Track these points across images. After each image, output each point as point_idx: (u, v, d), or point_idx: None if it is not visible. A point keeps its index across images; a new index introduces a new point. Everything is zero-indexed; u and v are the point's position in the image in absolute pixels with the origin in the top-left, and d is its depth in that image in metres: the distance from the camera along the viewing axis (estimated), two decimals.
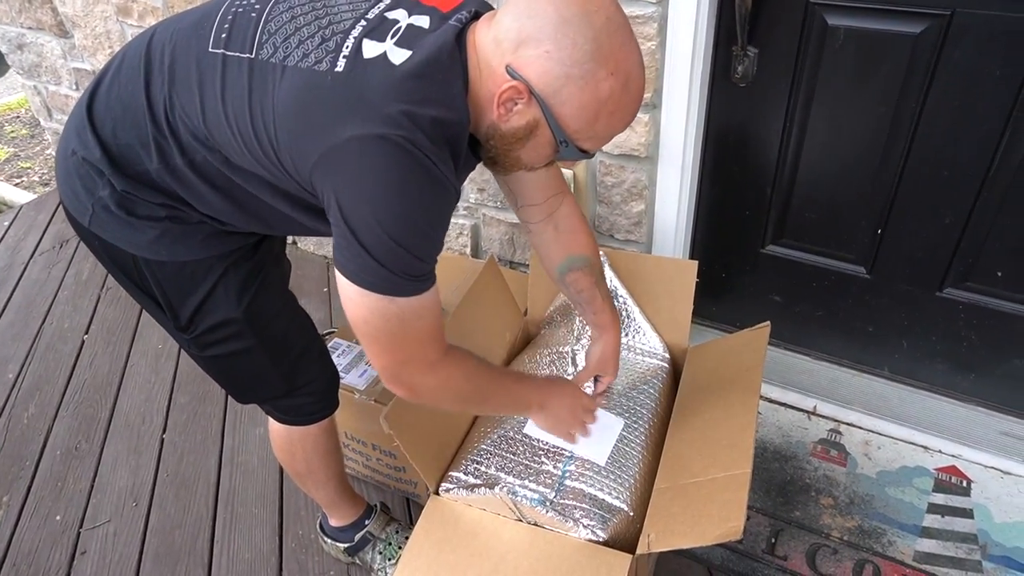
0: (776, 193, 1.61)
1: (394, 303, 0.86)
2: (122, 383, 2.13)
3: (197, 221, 1.00)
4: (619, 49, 0.82)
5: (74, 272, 2.64)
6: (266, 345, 1.13)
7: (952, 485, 1.56)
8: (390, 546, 1.49)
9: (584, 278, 1.24)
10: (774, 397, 1.78)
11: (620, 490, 1.19)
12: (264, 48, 0.87)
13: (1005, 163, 1.35)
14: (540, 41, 0.80)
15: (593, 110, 0.84)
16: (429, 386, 0.98)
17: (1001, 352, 1.58)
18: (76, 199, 1.01)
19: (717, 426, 1.23)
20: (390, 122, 0.79)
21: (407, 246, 0.83)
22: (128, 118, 0.95)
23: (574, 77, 0.81)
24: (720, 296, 1.86)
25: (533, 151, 0.91)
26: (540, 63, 0.81)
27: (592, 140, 0.89)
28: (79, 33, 2.53)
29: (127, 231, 0.99)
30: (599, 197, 1.70)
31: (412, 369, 0.95)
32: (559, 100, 0.83)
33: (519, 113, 0.86)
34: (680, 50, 1.42)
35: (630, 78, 0.84)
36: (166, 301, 1.06)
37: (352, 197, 0.81)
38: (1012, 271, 1.46)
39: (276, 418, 1.27)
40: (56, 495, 1.81)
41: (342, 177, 0.82)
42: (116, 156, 0.96)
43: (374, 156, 0.79)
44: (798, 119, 1.49)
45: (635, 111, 0.89)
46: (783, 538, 1.50)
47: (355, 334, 0.92)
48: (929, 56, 1.31)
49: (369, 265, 0.83)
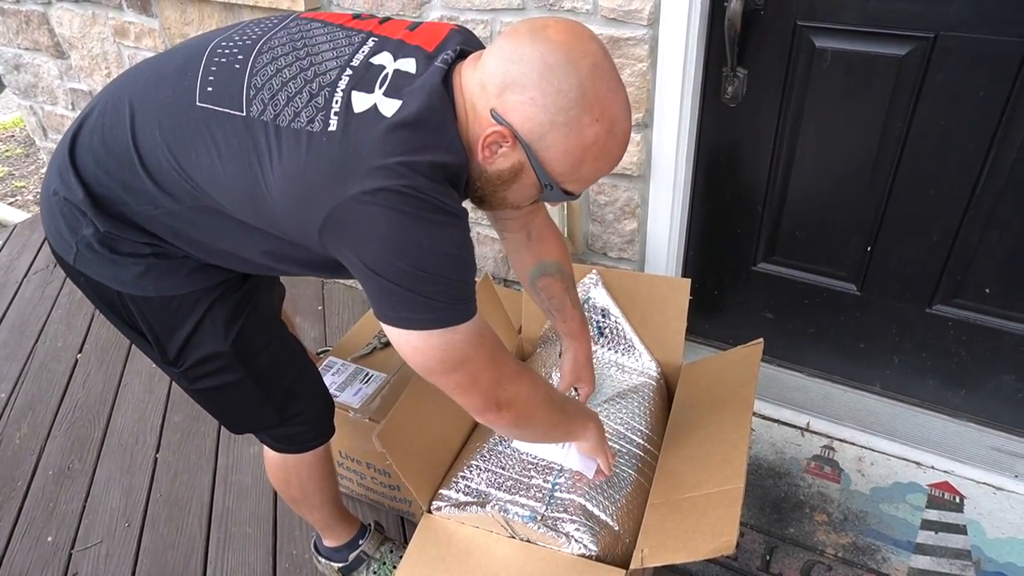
0: (767, 211, 1.63)
1: (457, 332, 0.86)
2: (115, 403, 2.12)
3: (182, 256, 1.01)
4: (604, 95, 0.82)
5: (68, 291, 2.64)
6: (255, 377, 1.12)
7: (945, 501, 1.57)
8: (384, 566, 1.48)
9: (555, 284, 1.25)
10: (767, 414, 1.79)
11: (607, 504, 1.20)
12: (254, 105, 0.87)
13: (990, 182, 1.37)
14: (525, 87, 0.81)
15: (578, 155, 0.85)
16: (525, 395, 0.98)
17: (991, 368, 1.59)
18: (60, 238, 1.00)
19: (710, 442, 1.24)
20: (389, 174, 0.79)
21: (445, 275, 0.83)
22: (112, 163, 0.94)
23: (559, 124, 0.82)
24: (713, 313, 1.87)
25: (519, 192, 0.92)
26: (525, 109, 0.82)
27: (577, 183, 0.90)
28: (76, 54, 2.56)
29: (112, 268, 0.99)
30: (592, 216, 1.71)
31: (506, 384, 0.95)
32: (543, 145, 0.84)
33: (504, 156, 0.86)
34: (671, 71, 1.44)
35: (615, 123, 0.85)
36: (153, 336, 1.06)
37: (371, 250, 0.82)
38: (1000, 287, 1.48)
39: (271, 447, 1.27)
40: (48, 516, 1.80)
41: (354, 235, 0.82)
42: (99, 197, 0.96)
43: (379, 207, 0.79)
44: (787, 139, 1.51)
45: (621, 154, 0.90)
46: (777, 555, 1.50)
47: (438, 385, 0.92)
48: (914, 78, 1.34)
49: (419, 305, 0.83)
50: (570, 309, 1.27)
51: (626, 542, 1.18)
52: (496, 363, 0.93)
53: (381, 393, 1.52)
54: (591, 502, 1.19)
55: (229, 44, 0.94)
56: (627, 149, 0.91)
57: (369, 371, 1.58)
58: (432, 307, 0.84)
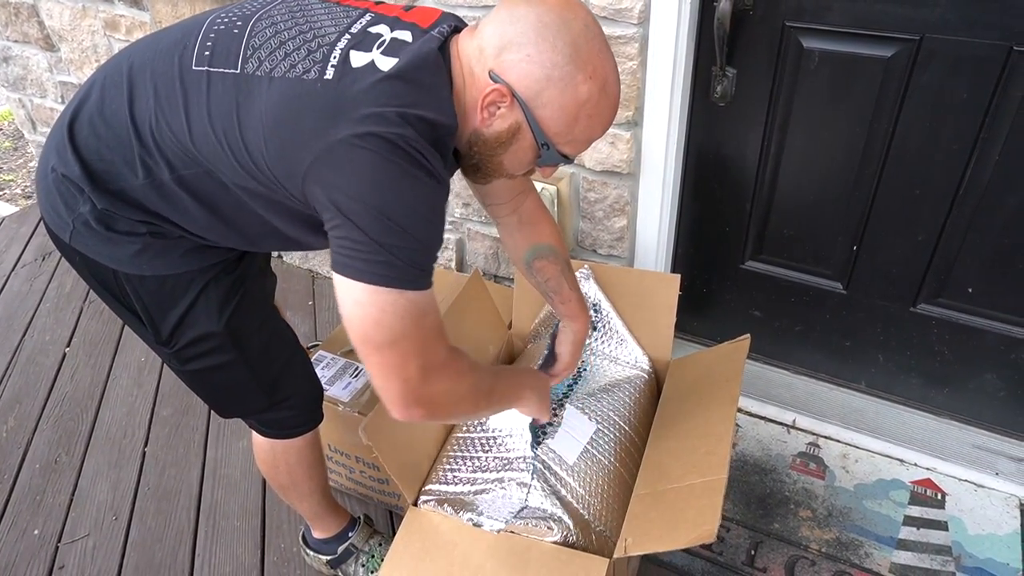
0: (755, 210, 1.65)
1: (403, 296, 0.84)
2: (104, 396, 2.11)
3: (177, 236, 1.01)
4: (596, 54, 0.86)
5: (56, 285, 2.63)
6: (247, 359, 1.13)
7: (927, 498, 1.59)
8: (373, 559, 1.48)
9: (550, 266, 1.26)
10: (754, 411, 1.81)
11: (585, 498, 1.21)
12: (249, 62, 0.89)
13: (974, 183, 1.39)
14: (521, 45, 0.85)
15: (573, 112, 0.88)
16: (447, 389, 0.94)
17: (973, 366, 1.62)
18: (57, 216, 1.01)
19: (696, 435, 1.25)
20: (381, 120, 0.81)
21: (413, 232, 0.83)
22: (112, 136, 0.95)
23: (554, 79, 0.85)
24: (701, 311, 1.89)
25: (515, 156, 0.93)
26: (521, 66, 0.85)
27: (572, 144, 0.92)
28: (65, 47, 2.54)
29: (108, 246, 1.00)
30: (582, 212, 1.72)
31: (433, 376, 0.90)
32: (540, 103, 0.87)
33: (502, 117, 0.89)
34: (661, 70, 1.45)
35: (607, 82, 0.88)
36: (147, 315, 1.06)
37: (350, 193, 0.82)
38: (982, 287, 1.50)
39: (259, 431, 1.28)
40: (34, 509, 1.79)
41: (337, 177, 0.82)
42: (97, 173, 0.97)
43: (367, 152, 0.80)
44: (776, 138, 1.53)
45: (612, 116, 0.93)
46: (762, 550, 1.52)
47: (365, 353, 0.86)
48: (900, 79, 1.35)
49: (377, 257, 0.82)
50: (567, 290, 1.27)
51: (602, 530, 1.19)
52: (429, 350, 0.89)
53: (370, 387, 1.52)
54: (564, 487, 1.21)
55: (228, 14, 0.96)
56: (616, 114, 0.93)
57: (359, 365, 1.59)
58: (389, 263, 0.82)
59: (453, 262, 2.04)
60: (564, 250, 1.29)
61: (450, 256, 2.03)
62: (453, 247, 2.01)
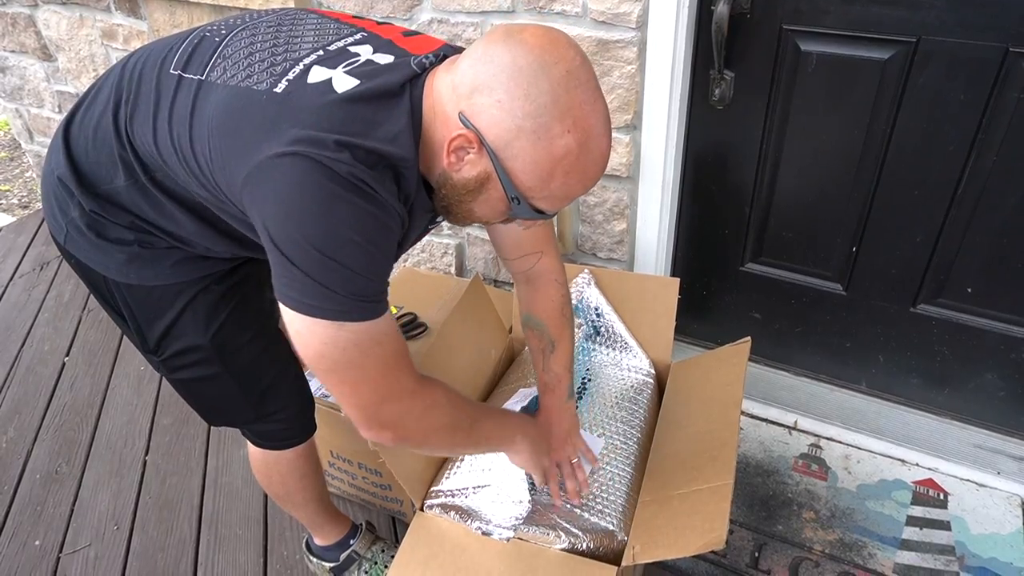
0: (754, 213, 1.65)
1: (344, 328, 0.80)
2: (103, 405, 2.11)
3: (167, 247, 1.01)
4: (578, 106, 0.77)
5: (55, 294, 2.62)
6: (233, 373, 1.12)
7: (930, 498, 1.59)
8: (376, 565, 1.48)
9: (534, 339, 1.23)
10: (756, 413, 1.81)
11: (607, 512, 1.20)
12: (215, 71, 0.88)
13: (972, 183, 1.40)
14: (493, 89, 0.77)
15: (547, 168, 0.80)
16: (415, 418, 0.90)
17: (973, 366, 1.62)
18: (54, 218, 1.03)
19: (699, 440, 1.25)
20: (314, 143, 0.76)
21: (344, 263, 0.77)
22: (99, 137, 0.96)
23: (526, 131, 0.77)
24: (701, 314, 1.89)
25: (486, 205, 0.87)
26: (492, 112, 0.77)
27: (548, 200, 0.84)
28: (63, 56, 2.54)
29: (98, 253, 1.01)
30: (582, 216, 1.73)
31: (391, 404, 0.87)
32: (510, 154, 0.79)
33: (470, 163, 0.82)
34: (659, 74, 1.46)
35: (590, 136, 0.79)
36: (135, 323, 1.07)
37: (277, 218, 0.77)
38: (981, 287, 1.51)
39: (251, 441, 1.28)
40: (35, 519, 1.78)
41: (265, 196, 0.78)
42: (86, 175, 0.98)
43: (292, 173, 0.76)
44: (774, 141, 1.54)
45: (597, 173, 0.84)
46: (766, 552, 1.52)
47: (318, 376, 0.84)
48: (897, 81, 1.36)
49: (309, 288, 0.77)
50: (542, 372, 1.24)
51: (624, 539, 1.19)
52: (386, 378, 0.85)
53: None
54: (588, 511, 1.20)
55: (221, 24, 0.97)
56: (607, 165, 0.85)
57: None
58: (323, 295, 0.77)
59: (453, 267, 2.04)
60: (557, 327, 1.21)
61: (450, 261, 2.03)
62: (453, 252, 2.01)
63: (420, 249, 2.07)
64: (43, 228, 3.07)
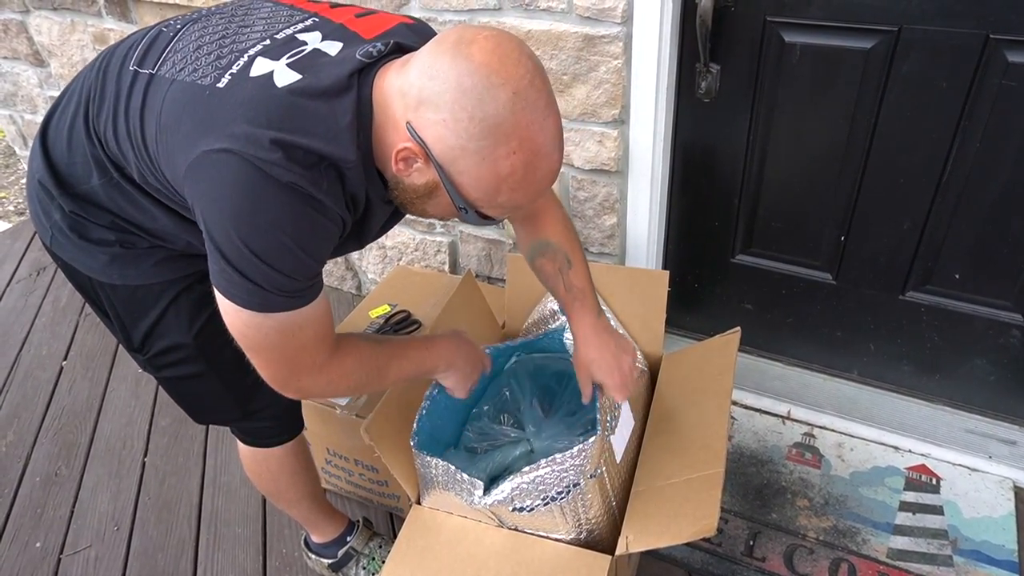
0: (743, 204, 1.67)
1: (268, 318, 0.84)
2: (102, 408, 2.12)
3: (148, 247, 1.02)
4: (525, 127, 0.77)
5: (52, 299, 2.63)
6: (218, 371, 1.12)
7: (922, 483, 1.61)
8: (373, 561, 1.49)
9: (548, 264, 1.17)
10: (749, 403, 1.83)
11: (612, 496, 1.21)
12: (165, 65, 0.89)
13: (956, 170, 1.41)
14: (438, 107, 0.76)
15: (492, 184, 0.80)
16: (320, 386, 0.96)
17: (963, 352, 1.63)
18: (39, 222, 1.04)
19: (691, 430, 1.27)
20: (248, 141, 0.77)
21: (270, 262, 0.79)
22: (74, 138, 0.98)
23: (470, 151, 0.77)
24: (692, 306, 1.90)
25: (437, 208, 0.88)
26: (437, 129, 0.77)
27: (496, 209, 0.85)
28: (55, 62, 2.55)
29: (82, 255, 1.02)
30: (572, 211, 1.74)
31: (300, 376, 0.92)
32: (456, 169, 0.79)
33: (418, 172, 0.82)
34: (645, 68, 1.47)
35: (537, 156, 0.79)
36: (119, 322, 1.08)
37: (212, 211, 0.80)
38: (968, 273, 1.52)
39: (240, 439, 1.29)
40: (36, 522, 1.79)
41: (201, 191, 0.80)
42: (64, 177, 0.99)
43: (225, 171, 0.78)
44: (761, 132, 1.55)
45: (545, 187, 0.85)
46: (761, 540, 1.53)
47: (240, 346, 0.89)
48: (880, 70, 1.37)
49: (236, 280, 0.80)
50: (563, 292, 1.16)
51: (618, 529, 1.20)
52: (301, 356, 0.89)
53: None
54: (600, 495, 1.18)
55: (180, 19, 0.98)
56: (556, 177, 0.86)
57: None
58: (249, 289, 0.81)
59: (447, 265, 2.05)
60: (568, 244, 1.17)
61: (443, 259, 2.05)
62: (446, 250, 2.02)
63: (413, 248, 2.09)
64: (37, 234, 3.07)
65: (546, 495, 1.10)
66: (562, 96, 1.56)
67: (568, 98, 1.55)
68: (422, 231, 2.04)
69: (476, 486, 1.11)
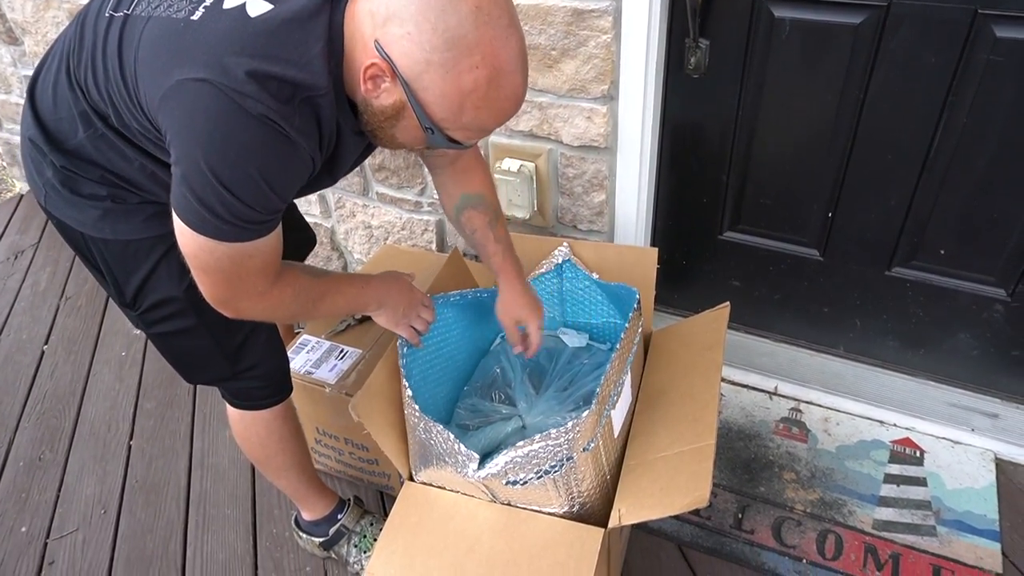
0: (732, 180, 1.67)
1: (221, 245, 0.86)
2: (85, 392, 2.09)
3: (139, 202, 1.03)
4: (487, 42, 0.79)
5: (31, 283, 2.59)
6: (208, 326, 1.14)
7: (906, 456, 1.63)
8: (365, 539, 1.49)
9: (478, 216, 1.25)
10: (737, 379, 1.84)
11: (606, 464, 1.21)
12: (139, 5, 0.91)
13: (943, 146, 1.42)
14: (404, 20, 0.78)
15: (456, 101, 0.82)
16: (257, 310, 0.99)
17: (947, 327, 1.65)
18: (33, 181, 1.06)
19: (682, 403, 1.27)
20: (223, 72, 0.79)
21: (234, 191, 0.81)
22: (59, 92, 0.99)
23: (434, 64, 0.79)
24: (681, 283, 1.91)
25: (406, 132, 0.89)
26: (402, 44, 0.79)
27: (462, 131, 0.87)
28: (29, 39, 2.49)
29: (74, 210, 1.03)
30: (561, 189, 1.73)
31: (241, 299, 0.96)
32: (421, 85, 0.81)
33: (386, 92, 0.84)
34: (634, 43, 1.46)
35: (500, 73, 0.81)
36: (112, 277, 1.10)
37: (183, 138, 0.81)
38: (953, 249, 1.54)
39: (228, 402, 1.30)
40: (21, 506, 1.77)
41: (174, 118, 0.82)
42: (52, 132, 1.00)
43: (199, 100, 0.79)
44: (750, 108, 1.55)
45: (509, 108, 0.86)
46: (749, 513, 1.55)
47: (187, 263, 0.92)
48: (869, 45, 1.37)
49: (195, 207, 0.82)
50: (492, 244, 1.27)
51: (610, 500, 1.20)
52: (245, 282, 0.93)
53: (357, 368, 1.53)
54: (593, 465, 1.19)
55: None
56: (522, 101, 0.86)
57: (344, 347, 1.59)
58: (204, 218, 0.83)
59: (433, 243, 2.04)
60: (494, 199, 1.27)
61: (430, 238, 2.03)
62: (433, 229, 2.01)
63: (400, 227, 2.07)
64: (16, 216, 3.02)
65: (539, 468, 1.10)
66: (551, 71, 1.54)
67: (557, 74, 1.54)
68: (408, 210, 2.02)
69: (472, 458, 1.11)
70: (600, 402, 1.12)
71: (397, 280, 1.24)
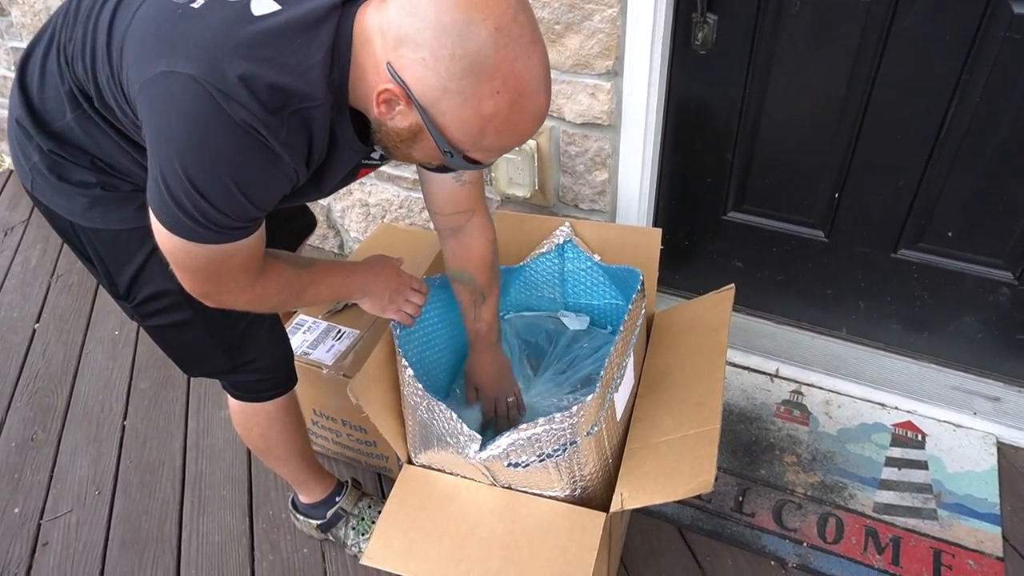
0: (737, 160, 1.64)
1: (197, 247, 0.83)
2: (78, 371, 2.06)
3: (130, 189, 0.99)
4: (508, 64, 0.73)
5: (21, 260, 2.55)
6: (205, 319, 1.09)
7: (908, 439, 1.63)
8: (363, 521, 1.48)
9: (464, 292, 1.24)
10: (738, 361, 1.82)
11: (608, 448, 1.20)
12: None
13: (954, 126, 1.39)
14: (418, 46, 0.73)
15: (477, 126, 0.78)
16: (240, 303, 0.96)
17: (952, 310, 1.64)
18: (19, 164, 1.01)
19: (686, 386, 1.25)
20: (211, 69, 0.73)
21: (208, 197, 0.77)
22: (47, 71, 0.94)
23: (452, 91, 0.74)
24: (683, 264, 1.88)
25: (422, 152, 0.85)
26: (417, 69, 0.74)
27: (482, 153, 0.83)
28: (16, 10, 2.42)
29: (62, 198, 0.99)
30: (563, 167, 1.70)
31: (222, 294, 0.93)
32: (438, 111, 0.77)
33: (401, 115, 0.79)
34: (641, 17, 1.42)
35: (522, 95, 0.76)
36: (103, 268, 1.05)
37: (160, 134, 0.77)
38: (961, 231, 1.52)
39: (230, 393, 1.26)
40: (13, 487, 1.75)
41: (154, 109, 0.77)
42: (40, 114, 0.95)
43: (183, 98, 0.74)
44: (757, 86, 1.51)
45: (532, 128, 0.82)
46: (750, 496, 1.54)
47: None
48: (881, 23, 1.34)
49: (169, 205, 0.78)
50: (472, 321, 1.26)
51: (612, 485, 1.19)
52: (229, 279, 0.90)
53: (354, 349, 1.50)
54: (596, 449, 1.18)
55: None
56: (544, 119, 0.82)
57: (341, 328, 1.56)
58: (181, 219, 0.79)
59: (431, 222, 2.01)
60: (487, 280, 1.23)
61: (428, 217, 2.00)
62: None
63: (398, 205, 2.04)
64: (5, 192, 2.97)
65: (542, 452, 1.08)
66: (554, 46, 1.50)
67: (560, 48, 1.50)
68: (407, 188, 1.98)
69: (473, 439, 1.09)
70: (604, 385, 1.10)
71: (384, 266, 1.19)
